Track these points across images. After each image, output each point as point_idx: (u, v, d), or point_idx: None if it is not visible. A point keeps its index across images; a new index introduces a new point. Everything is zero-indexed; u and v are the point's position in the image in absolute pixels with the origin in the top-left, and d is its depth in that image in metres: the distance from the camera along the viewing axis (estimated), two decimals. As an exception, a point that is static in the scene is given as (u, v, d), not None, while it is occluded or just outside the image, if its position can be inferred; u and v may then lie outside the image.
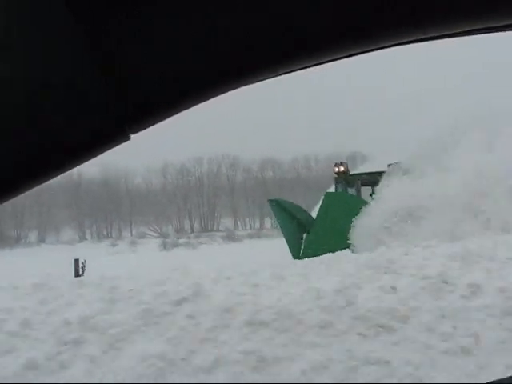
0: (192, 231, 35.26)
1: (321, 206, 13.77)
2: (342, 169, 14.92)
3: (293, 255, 13.92)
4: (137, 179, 38.99)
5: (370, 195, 14.08)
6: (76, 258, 11.90)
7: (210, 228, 36.50)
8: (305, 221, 14.67)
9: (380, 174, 14.53)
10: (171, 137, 42.92)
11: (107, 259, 15.10)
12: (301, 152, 44.75)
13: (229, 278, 5.21)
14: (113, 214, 35.64)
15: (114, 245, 22.58)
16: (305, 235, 14.49)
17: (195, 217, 38.35)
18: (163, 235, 31.64)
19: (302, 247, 14.00)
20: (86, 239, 32.60)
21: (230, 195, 40.11)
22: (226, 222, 38.94)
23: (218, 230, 34.13)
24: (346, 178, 14.98)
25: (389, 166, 15.36)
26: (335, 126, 49.28)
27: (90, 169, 34.78)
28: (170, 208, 37.45)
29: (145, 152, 40.88)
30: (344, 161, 15.52)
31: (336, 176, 15.14)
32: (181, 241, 22.00)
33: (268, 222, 45.42)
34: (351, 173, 15.40)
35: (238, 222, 40.34)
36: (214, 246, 18.40)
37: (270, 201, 16.50)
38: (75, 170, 36.97)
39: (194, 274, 5.27)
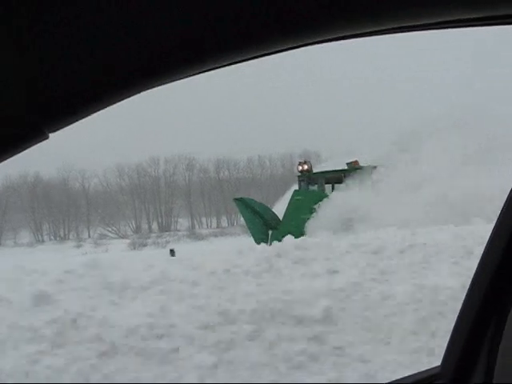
0: (150, 231, 35.48)
1: (289, 203, 14.61)
2: (305, 167, 15.82)
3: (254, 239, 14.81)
4: (93, 180, 38.82)
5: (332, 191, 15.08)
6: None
7: (168, 228, 36.78)
8: (269, 218, 15.51)
9: (343, 171, 15.45)
10: (126, 137, 43.04)
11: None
12: (255, 152, 45.54)
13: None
14: (70, 215, 35.45)
15: (78, 246, 22.68)
16: (270, 232, 15.33)
17: (153, 217, 38.57)
18: (122, 236, 31.82)
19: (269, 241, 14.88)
20: (44, 241, 32.34)
21: (186, 195, 40.49)
22: (184, 222, 39.34)
23: (176, 230, 34.49)
24: (309, 176, 15.79)
25: (347, 164, 16.34)
26: (289, 124, 50.11)
27: (47, 170, 34.62)
28: (127, 208, 37.53)
29: (101, 152, 40.92)
30: (307, 159, 16.36)
31: (299, 174, 15.99)
32: (148, 240, 22.36)
33: (225, 221, 46.34)
34: (314, 171, 16.25)
35: (195, 222, 40.78)
36: (182, 245, 18.91)
37: (236, 199, 17.27)
38: (31, 172, 36.77)
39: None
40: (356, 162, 16.23)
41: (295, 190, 15.84)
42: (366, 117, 44.04)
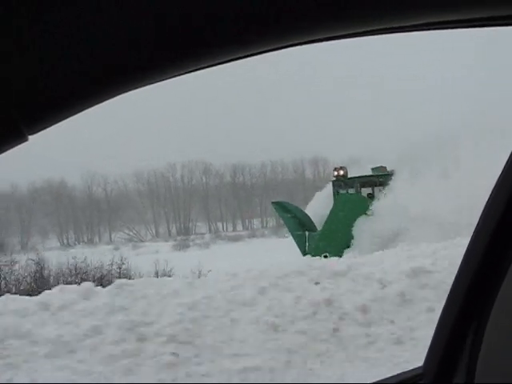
0: (170, 235, 36.35)
1: (333, 206, 15.43)
2: (341, 172, 16.74)
3: (300, 250, 15.64)
4: (114, 185, 39.70)
5: (369, 196, 15.85)
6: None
7: (187, 231, 37.62)
8: (304, 219, 16.43)
9: (377, 176, 16.34)
10: (143, 144, 43.95)
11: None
12: (267, 157, 46.40)
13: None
14: (93, 219, 36.34)
15: (116, 248, 23.55)
16: (307, 233, 16.23)
17: (172, 221, 39.46)
18: (142, 239, 32.77)
19: (307, 244, 15.74)
20: (71, 245, 33.14)
21: (204, 200, 41.37)
22: (202, 226, 40.23)
23: (199, 233, 35.36)
24: (344, 181, 16.66)
25: (372, 169, 17.21)
26: (299, 129, 50.90)
27: (71, 175, 35.47)
28: (146, 213, 38.44)
29: (120, 159, 41.82)
30: (343, 165, 17.16)
31: (334, 179, 16.85)
32: (189, 242, 23.23)
33: (240, 225, 47.29)
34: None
35: (212, 225, 41.65)
36: (222, 246, 19.75)
37: (273, 202, 18.27)
38: (57, 178, 37.69)
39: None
40: (383, 167, 17.05)
41: (340, 194, 16.52)
42: (373, 122, 44.77)
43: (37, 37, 0.49)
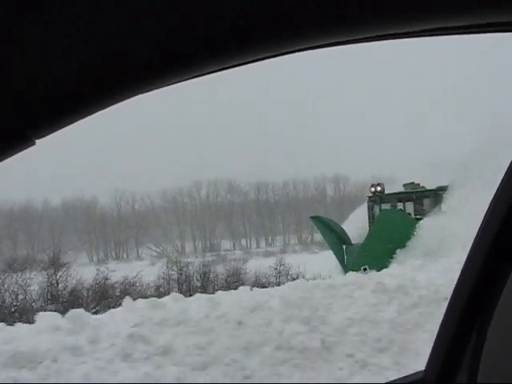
0: (196, 251, 36.90)
1: (375, 221, 15.84)
2: (378, 189, 17.19)
3: (339, 262, 16.04)
4: (139, 203, 40.43)
5: (417, 215, 16.17)
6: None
7: (212, 248, 38.12)
8: (341, 233, 16.88)
9: (413, 193, 16.75)
10: (170, 162, 44.71)
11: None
12: (290, 176, 46.89)
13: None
14: (121, 235, 37.05)
15: (152, 264, 24.13)
16: (344, 247, 16.67)
17: (197, 238, 40.05)
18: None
19: (345, 258, 16.14)
20: (103, 261, 33.76)
21: (228, 217, 41.95)
22: (226, 243, 40.75)
23: (224, 250, 35.89)
24: (381, 197, 17.10)
25: (404, 185, 17.65)
26: (318, 147, 51.32)
27: (102, 193, 36.28)
28: (172, 230, 39.09)
29: (147, 177, 42.66)
30: (381, 182, 17.59)
31: (371, 195, 17.30)
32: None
33: (263, 242, 47.84)
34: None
35: (236, 243, 42.15)
36: (261, 261, 20.23)
37: (312, 217, 18.75)
38: (88, 196, 38.62)
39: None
40: (417, 183, 17.44)
41: (384, 210, 16.84)
42: (389, 140, 44.99)
43: (42, 41, 0.49)
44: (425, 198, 16.50)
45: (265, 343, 5.57)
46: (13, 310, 13.34)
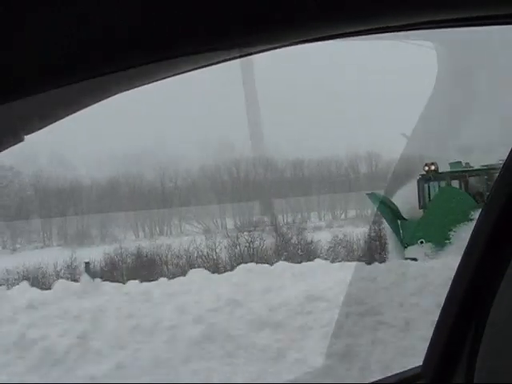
0: (236, 227, 37.94)
1: (435, 198, 16.66)
2: (432, 167, 17.94)
3: (396, 235, 17.03)
4: (181, 181, 41.44)
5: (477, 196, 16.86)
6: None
7: (252, 224, 39.08)
8: (395, 209, 17.80)
9: (467, 171, 17.43)
10: (208, 138, 45.47)
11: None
12: (324, 152, 47.18)
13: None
14: (165, 212, 38.19)
15: (208, 238, 25.35)
16: (399, 222, 17.52)
17: (237, 215, 41.02)
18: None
19: (401, 232, 17.09)
20: (146, 237, 34.93)
21: (266, 194, 42.81)
22: (264, 220, 41.77)
23: (268, 225, 36.88)
24: (435, 175, 17.90)
25: (451, 164, 18.28)
26: (350, 124, 51.52)
27: (148, 170, 37.34)
28: (212, 207, 40.07)
29: (188, 155, 43.54)
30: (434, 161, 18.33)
31: (424, 173, 18.04)
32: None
33: (299, 218, 48.99)
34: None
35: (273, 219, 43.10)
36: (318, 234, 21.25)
37: (368, 194, 19.73)
38: (134, 172, 39.85)
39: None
40: (466, 162, 18.05)
41: (444, 187, 17.59)
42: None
43: (34, 36, 0.49)
44: (478, 177, 17.12)
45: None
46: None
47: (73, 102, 0.58)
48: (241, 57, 0.62)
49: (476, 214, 16.08)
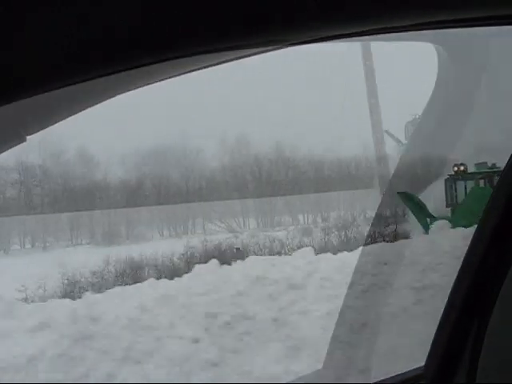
0: (257, 226, 38.10)
1: (468, 197, 16.92)
2: (462, 168, 18.19)
3: (426, 232, 17.45)
4: (202, 180, 41.66)
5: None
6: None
7: (273, 224, 39.24)
8: (424, 207, 18.16)
9: (495, 172, 17.53)
10: (231, 137, 45.65)
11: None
12: (344, 153, 47.16)
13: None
14: (187, 211, 38.46)
15: (236, 237, 25.63)
16: (428, 220, 17.79)
17: (259, 214, 41.23)
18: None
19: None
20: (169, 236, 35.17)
21: (287, 194, 42.93)
22: (286, 219, 41.91)
23: (292, 224, 37.04)
24: (463, 176, 18.12)
25: (476, 165, 18.41)
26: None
27: (174, 172, 37.70)
28: (234, 206, 40.28)
29: (210, 154, 43.85)
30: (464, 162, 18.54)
31: (452, 174, 18.30)
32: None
33: (319, 218, 49.13)
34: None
35: (293, 219, 43.20)
36: None
37: (399, 193, 20.04)
38: (159, 172, 40.22)
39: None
40: (493, 163, 18.13)
41: (476, 187, 17.84)
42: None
43: (34, 36, 0.50)
44: None
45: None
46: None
47: (75, 102, 0.60)
48: (241, 57, 0.62)
49: None
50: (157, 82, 0.59)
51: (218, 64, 0.62)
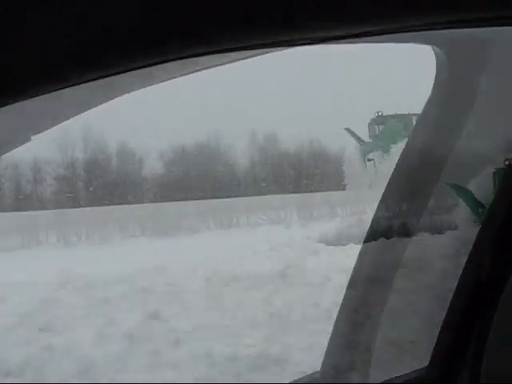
0: (299, 219, 38.19)
1: None
2: None
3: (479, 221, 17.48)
4: (243, 173, 41.78)
5: None
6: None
7: (312, 216, 39.32)
8: (474, 197, 18.03)
9: None
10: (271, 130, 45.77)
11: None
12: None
13: None
14: (234, 203, 38.60)
15: (287, 227, 25.72)
16: (480, 210, 17.78)
17: (298, 207, 41.27)
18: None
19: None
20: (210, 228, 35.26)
21: (324, 187, 42.99)
22: (324, 212, 42.01)
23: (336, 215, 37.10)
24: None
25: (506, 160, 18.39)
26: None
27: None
28: (273, 199, 40.40)
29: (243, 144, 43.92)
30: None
31: (503, 167, 18.24)
32: None
33: (351, 209, 49.21)
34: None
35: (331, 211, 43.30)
36: None
37: (451, 184, 19.98)
38: (196, 164, 40.37)
39: None
40: None
41: None
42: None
43: (34, 36, 0.51)
44: None
45: None
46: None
47: (80, 102, 0.60)
48: (242, 58, 0.63)
49: None
50: (159, 82, 0.61)
51: (217, 65, 0.61)
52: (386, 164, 25.35)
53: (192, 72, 0.62)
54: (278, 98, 40.78)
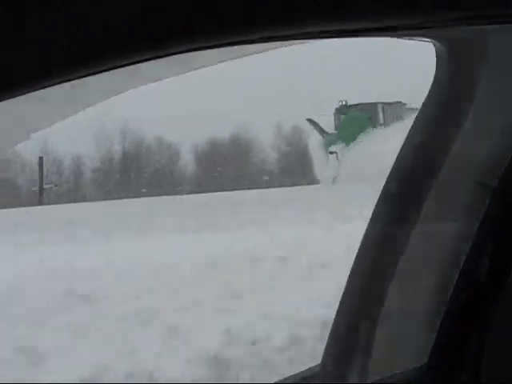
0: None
1: None
2: None
3: None
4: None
5: None
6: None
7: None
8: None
9: None
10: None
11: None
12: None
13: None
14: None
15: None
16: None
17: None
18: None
19: None
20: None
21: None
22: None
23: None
24: None
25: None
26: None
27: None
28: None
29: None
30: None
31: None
32: None
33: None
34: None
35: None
36: None
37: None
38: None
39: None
40: None
41: None
42: None
43: (34, 36, 0.50)
44: None
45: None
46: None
47: (79, 101, 0.62)
48: (241, 56, 0.65)
49: None
50: (159, 81, 0.61)
51: (217, 63, 0.64)
52: (350, 157, 23.63)
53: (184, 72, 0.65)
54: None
